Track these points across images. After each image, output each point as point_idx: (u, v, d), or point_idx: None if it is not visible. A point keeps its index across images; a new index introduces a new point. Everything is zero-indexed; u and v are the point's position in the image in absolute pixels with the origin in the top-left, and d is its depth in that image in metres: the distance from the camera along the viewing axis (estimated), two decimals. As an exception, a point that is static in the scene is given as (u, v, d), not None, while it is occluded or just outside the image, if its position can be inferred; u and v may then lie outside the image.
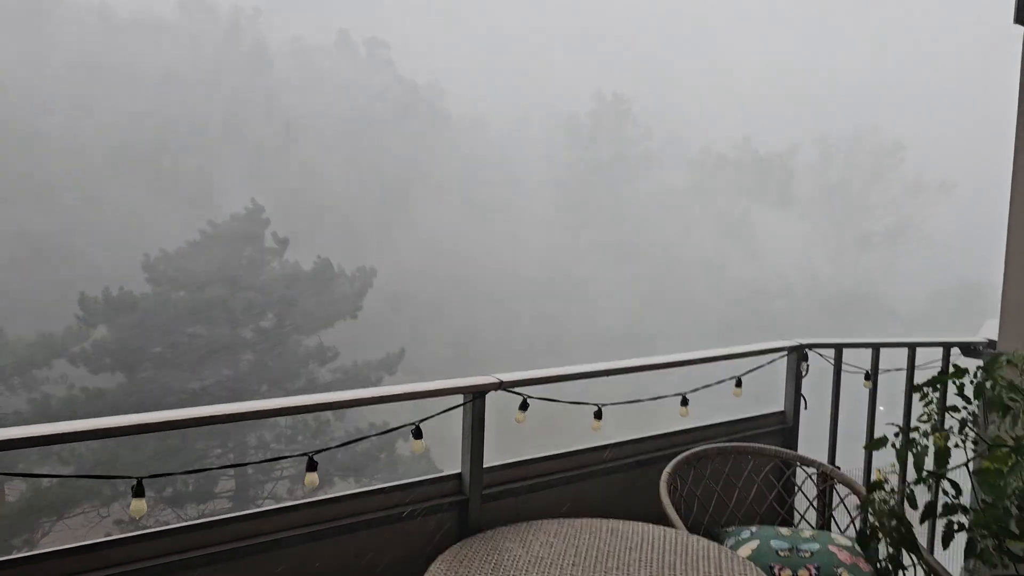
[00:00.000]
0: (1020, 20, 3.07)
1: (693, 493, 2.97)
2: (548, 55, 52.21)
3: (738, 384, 3.26)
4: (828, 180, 49.52)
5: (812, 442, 3.67)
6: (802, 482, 3.09)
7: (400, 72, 43.57)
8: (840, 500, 3.02)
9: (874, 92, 52.22)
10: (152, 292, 19.55)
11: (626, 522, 2.53)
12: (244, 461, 17.65)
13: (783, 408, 3.59)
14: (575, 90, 47.44)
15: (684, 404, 3.08)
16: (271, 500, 17.97)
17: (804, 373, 3.52)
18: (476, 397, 2.54)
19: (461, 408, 2.58)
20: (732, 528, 2.81)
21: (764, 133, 47.55)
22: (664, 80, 51.78)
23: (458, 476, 2.62)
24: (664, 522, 2.60)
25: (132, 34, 37.52)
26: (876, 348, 3.58)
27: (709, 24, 57.57)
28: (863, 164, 49.07)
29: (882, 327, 36.74)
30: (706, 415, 3.29)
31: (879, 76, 53.19)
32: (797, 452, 3.30)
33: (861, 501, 2.76)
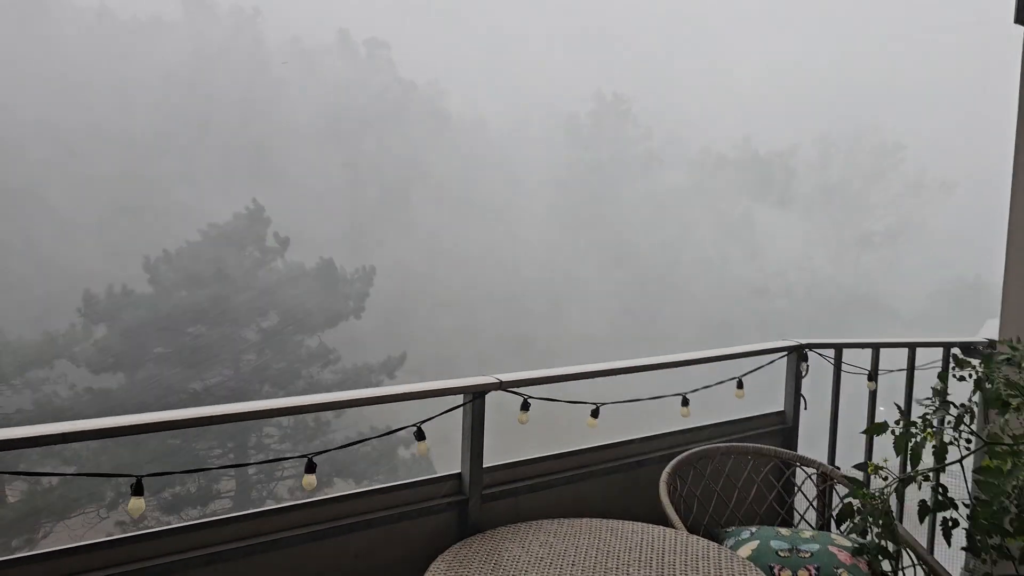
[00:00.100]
0: (1020, 20, 3.07)
1: (693, 493, 2.97)
2: (548, 55, 52.21)
3: (739, 386, 3.26)
4: (828, 180, 49.51)
5: (812, 442, 3.67)
6: (802, 482, 3.09)
7: (400, 72, 43.58)
8: (840, 500, 3.02)
9: (874, 92, 52.22)
10: (153, 292, 19.57)
11: (626, 522, 2.53)
12: (244, 462, 17.65)
13: (783, 408, 3.59)
14: (575, 90, 47.45)
15: (685, 404, 3.08)
16: (272, 501, 17.96)
17: (804, 373, 3.52)
18: (476, 397, 2.54)
19: (461, 408, 2.58)
20: (732, 528, 2.81)
21: (764, 133, 47.54)
22: (664, 80, 51.78)
23: (458, 476, 2.62)
24: (664, 522, 2.60)
25: (132, 34, 37.55)
26: (876, 348, 3.58)
27: (709, 24, 57.58)
28: (863, 164, 49.06)
29: (882, 327, 36.73)
30: (706, 415, 3.28)
31: (879, 75, 53.18)
32: (797, 452, 3.30)
33: (851, 491, 2.76)
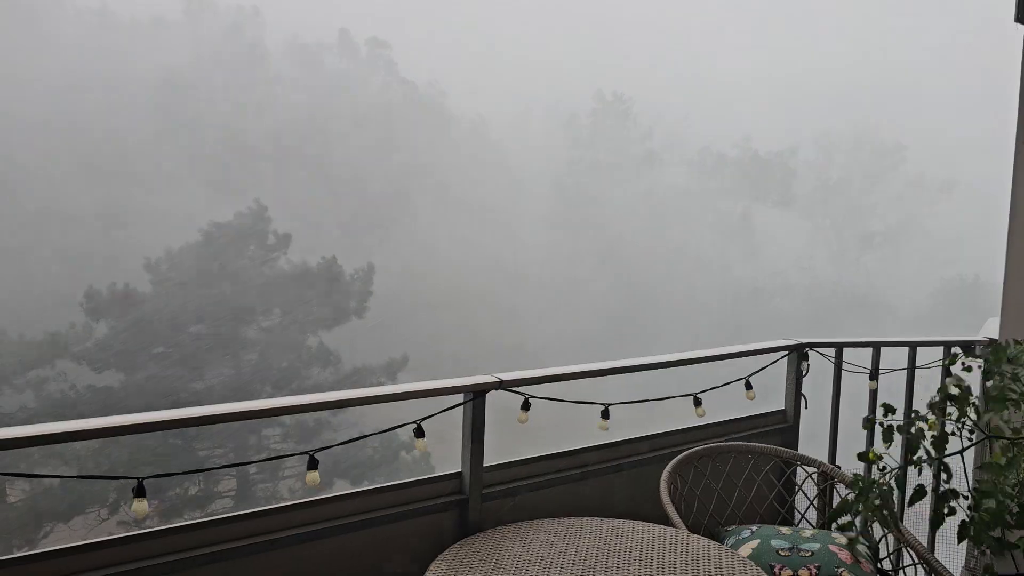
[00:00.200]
0: (1021, 19, 3.07)
1: (693, 492, 2.97)
2: (549, 55, 52.18)
3: (748, 387, 3.26)
4: (829, 179, 49.48)
5: (813, 441, 3.67)
6: (802, 481, 3.09)
7: (400, 72, 43.58)
8: (841, 499, 3.02)
9: (875, 91, 52.19)
10: (155, 291, 19.58)
11: (626, 521, 2.53)
12: (246, 461, 17.66)
13: (784, 407, 3.59)
14: (576, 90, 47.43)
15: (698, 404, 3.06)
16: (273, 501, 17.97)
17: (804, 372, 3.52)
18: (476, 396, 2.54)
19: (461, 408, 2.58)
20: (732, 527, 2.81)
21: (764, 133, 47.52)
22: (664, 80, 51.76)
23: (458, 475, 2.62)
24: (664, 521, 2.60)
25: (133, 33, 37.56)
26: (877, 347, 3.57)
27: (709, 23, 57.58)
28: (864, 163, 49.02)
29: (883, 326, 36.71)
30: (707, 414, 3.28)
31: (879, 75, 53.15)
32: (797, 451, 3.30)
33: (848, 484, 2.75)
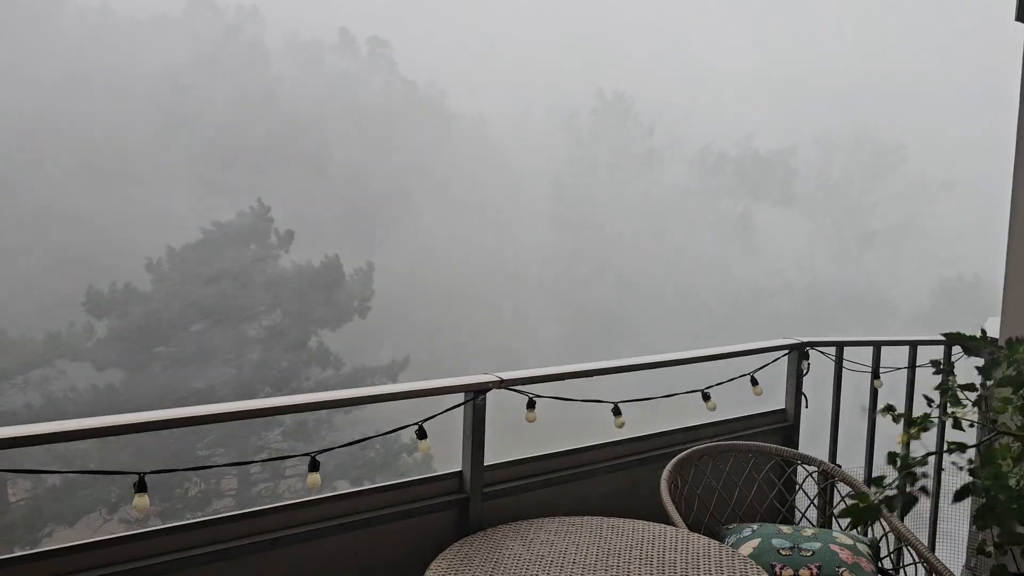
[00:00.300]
0: (1021, 18, 3.06)
1: (694, 491, 2.97)
2: (549, 54, 52.14)
3: (754, 383, 3.26)
4: (830, 178, 49.46)
5: (814, 440, 3.67)
6: (803, 480, 3.09)
7: (401, 71, 43.56)
8: (841, 498, 3.02)
9: (875, 90, 52.15)
10: (156, 290, 19.59)
11: (627, 520, 2.53)
12: (247, 460, 17.66)
13: (784, 406, 3.59)
14: (576, 89, 47.39)
15: (707, 399, 3.07)
16: (274, 501, 17.96)
17: (805, 371, 3.52)
18: (477, 395, 2.54)
19: (462, 407, 2.58)
20: (733, 526, 2.81)
21: (765, 132, 47.48)
22: (665, 78, 51.70)
23: (459, 474, 2.62)
24: (665, 520, 2.60)
25: (133, 33, 37.56)
26: (877, 346, 3.57)
27: (710, 22, 57.52)
28: (865, 162, 49.00)
29: (883, 325, 36.69)
30: (708, 413, 3.28)
31: (880, 74, 53.09)
32: (798, 450, 3.30)
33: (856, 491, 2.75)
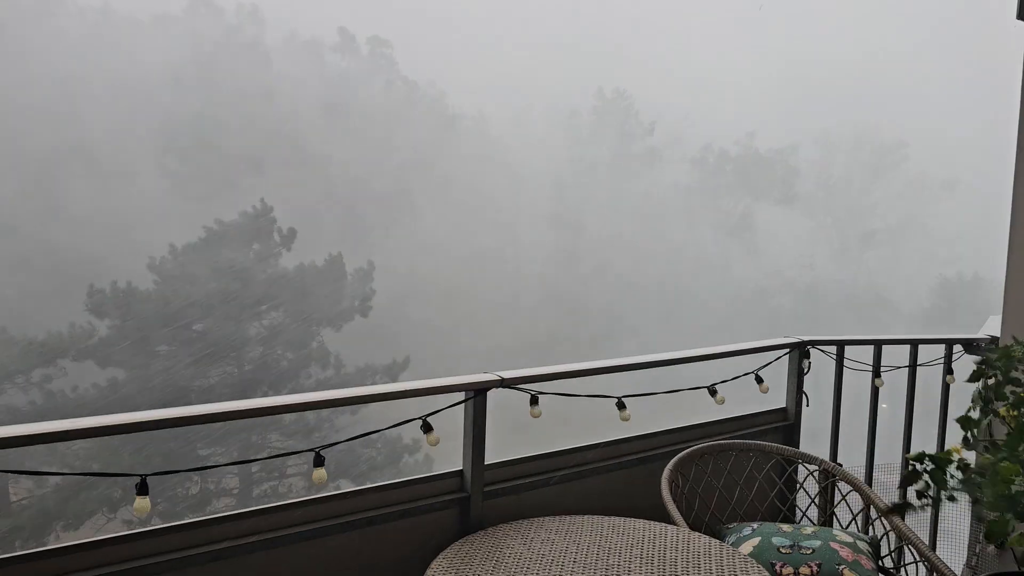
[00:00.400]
0: (1022, 16, 3.06)
1: (695, 490, 2.97)
2: (550, 52, 52.13)
3: (759, 380, 3.26)
4: (830, 177, 49.45)
5: (814, 439, 3.67)
6: (804, 479, 3.09)
7: (402, 71, 43.56)
8: (842, 497, 3.02)
9: (876, 89, 52.13)
10: (159, 289, 19.61)
11: (628, 519, 2.53)
12: (249, 459, 17.67)
13: (785, 405, 3.59)
14: (577, 87, 47.38)
15: (714, 394, 3.06)
16: (275, 501, 17.97)
17: (806, 370, 3.52)
18: (477, 394, 2.54)
19: (463, 406, 2.58)
20: (734, 525, 2.81)
21: (766, 131, 47.46)
22: (665, 77, 51.69)
23: (459, 473, 2.62)
24: (666, 519, 2.60)
25: (134, 32, 37.57)
26: (878, 345, 3.57)
27: (710, 21, 57.48)
28: (865, 161, 49.00)
29: (884, 324, 36.69)
30: (709, 412, 3.29)
31: (881, 73, 53.07)
32: (799, 449, 3.30)
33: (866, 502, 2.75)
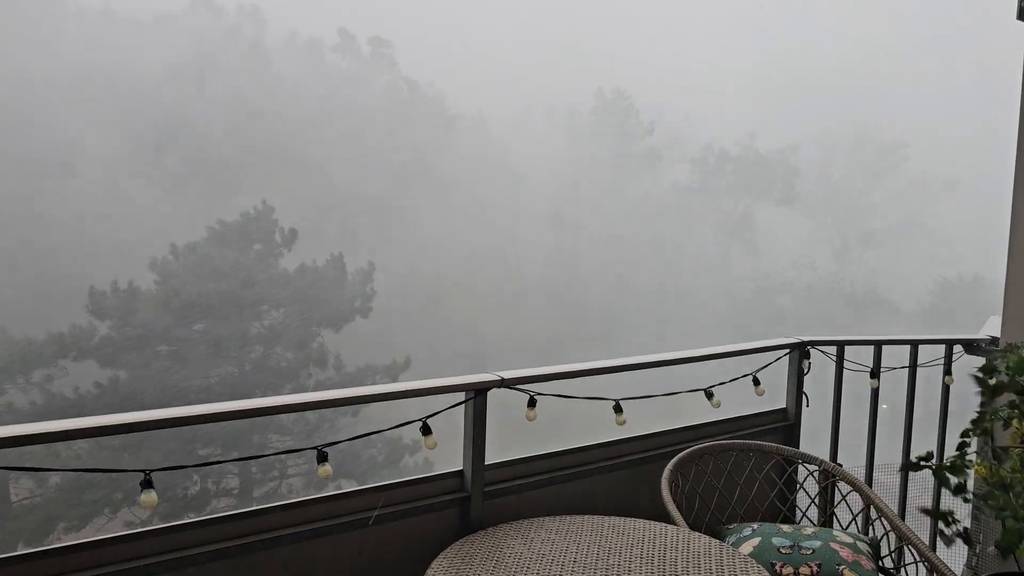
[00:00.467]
0: (1023, 17, 3.06)
1: (695, 490, 2.97)
2: (549, 53, 52.13)
3: (756, 383, 3.26)
4: (831, 177, 49.43)
5: (815, 439, 3.67)
6: (804, 479, 3.09)
7: (403, 71, 43.55)
8: (842, 497, 3.02)
9: (876, 89, 52.10)
10: (160, 289, 19.64)
11: (628, 519, 2.53)
12: (251, 455, 17.67)
13: (785, 405, 3.59)
14: (577, 87, 47.35)
15: (710, 397, 3.06)
16: (276, 500, 17.98)
17: (806, 371, 3.52)
18: (478, 394, 2.54)
19: (463, 406, 2.58)
20: (734, 525, 2.81)
21: (766, 131, 47.44)
22: (666, 77, 51.68)
23: (460, 473, 2.62)
24: (666, 519, 2.60)
25: (135, 33, 37.57)
26: (878, 345, 3.57)
27: (711, 21, 57.47)
28: (866, 161, 48.97)
29: (885, 324, 36.67)
30: (710, 412, 3.29)
31: (881, 73, 53.04)
32: (799, 449, 3.30)
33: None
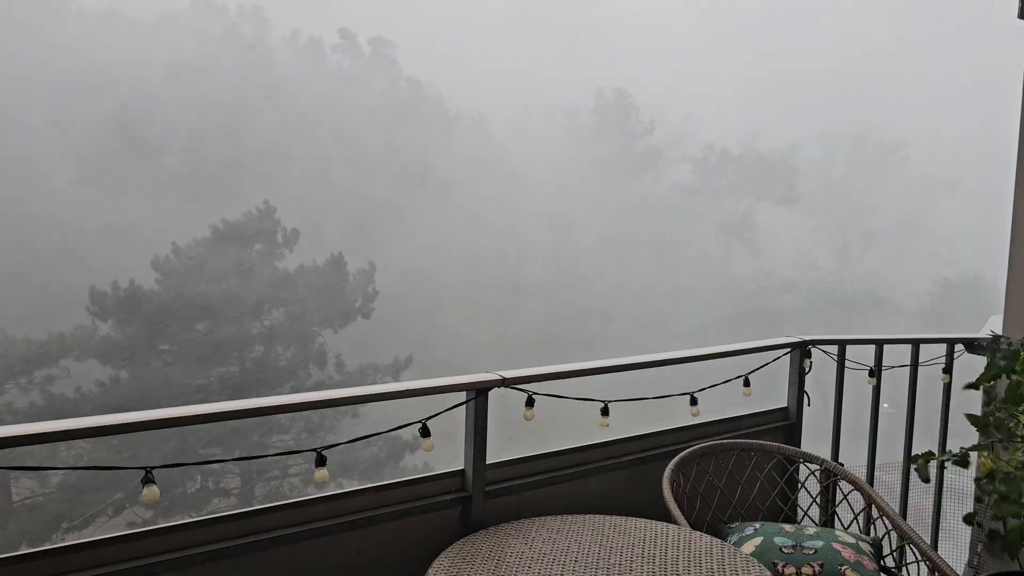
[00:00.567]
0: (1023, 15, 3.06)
1: (696, 489, 2.97)
2: (550, 53, 52.12)
3: (746, 384, 3.26)
4: (831, 177, 49.39)
5: (816, 439, 3.66)
6: (805, 479, 3.09)
7: (404, 71, 43.56)
8: (843, 497, 3.02)
9: (877, 89, 52.04)
10: (161, 289, 19.65)
11: (629, 519, 2.53)
12: (251, 455, 17.65)
13: (786, 405, 3.58)
14: (577, 87, 47.33)
15: (693, 404, 3.06)
16: (277, 500, 17.98)
17: (807, 370, 3.52)
18: (479, 394, 2.54)
19: (464, 406, 2.58)
20: (735, 525, 2.81)
21: (767, 130, 47.41)
22: (666, 77, 51.65)
23: (461, 473, 2.62)
24: (667, 519, 2.60)
25: (137, 33, 37.59)
26: (880, 344, 3.56)
27: (711, 20, 57.44)
28: (866, 161, 48.93)
29: (886, 324, 36.64)
30: (711, 412, 3.28)
31: (882, 73, 52.98)
32: (800, 449, 3.29)
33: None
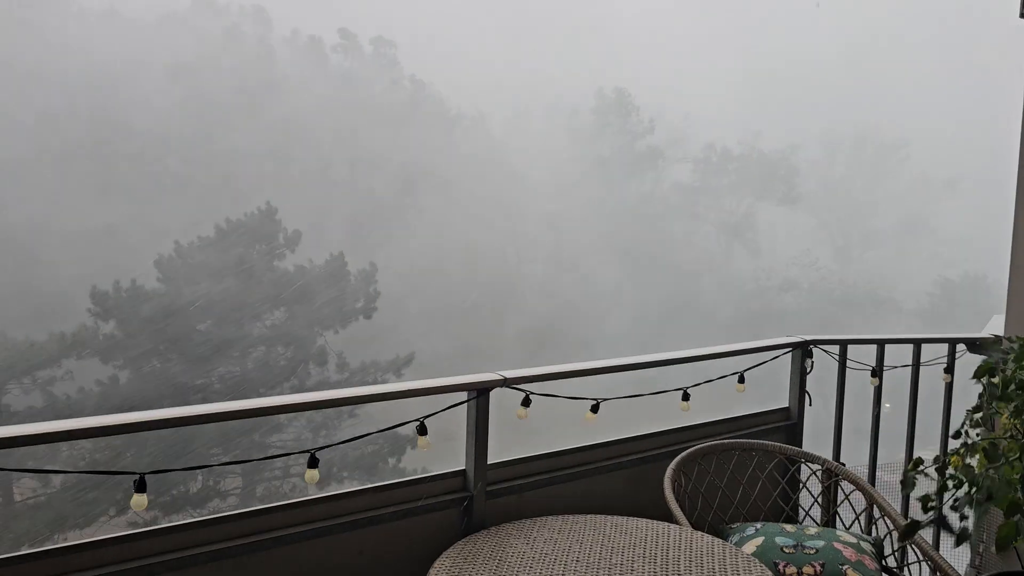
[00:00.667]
0: (1026, 14, 3.05)
1: (697, 489, 2.97)
2: (550, 52, 52.11)
3: (740, 380, 3.26)
4: (832, 177, 49.38)
5: (817, 439, 3.66)
6: (807, 479, 3.09)
7: (405, 70, 43.57)
8: (845, 497, 3.02)
9: (878, 88, 52.02)
10: (162, 289, 19.68)
11: (630, 518, 2.53)
12: (248, 459, 17.68)
13: (788, 404, 3.58)
14: (577, 87, 47.34)
15: (685, 399, 3.07)
16: (278, 500, 18.00)
17: (809, 370, 3.51)
18: (480, 394, 2.54)
19: (465, 406, 2.58)
20: (736, 525, 2.81)
21: (768, 130, 47.41)
22: (666, 76, 51.65)
23: (462, 473, 2.62)
24: (668, 519, 2.60)
25: (137, 33, 37.60)
26: (881, 344, 3.56)
27: (711, 20, 57.42)
28: (867, 161, 48.92)
29: (887, 324, 36.64)
30: (712, 411, 3.28)
31: (883, 72, 52.95)
32: (802, 449, 3.29)
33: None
